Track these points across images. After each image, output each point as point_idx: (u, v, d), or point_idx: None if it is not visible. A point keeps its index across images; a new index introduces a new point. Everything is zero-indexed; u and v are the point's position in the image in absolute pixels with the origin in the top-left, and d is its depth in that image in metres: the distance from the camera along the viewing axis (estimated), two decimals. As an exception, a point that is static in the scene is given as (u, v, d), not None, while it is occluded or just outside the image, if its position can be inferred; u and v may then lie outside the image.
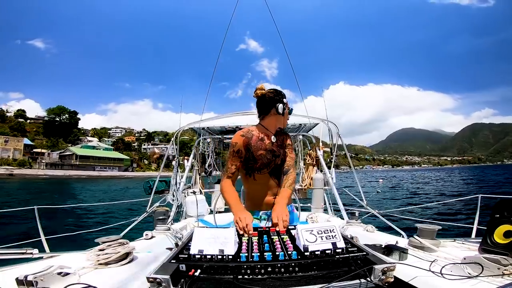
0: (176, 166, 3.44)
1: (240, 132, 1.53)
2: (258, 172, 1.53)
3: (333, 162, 3.58)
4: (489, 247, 1.01)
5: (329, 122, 3.40)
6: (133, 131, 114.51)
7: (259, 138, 1.52)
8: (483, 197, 2.38)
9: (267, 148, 1.52)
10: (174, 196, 3.06)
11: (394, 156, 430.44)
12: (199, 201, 3.01)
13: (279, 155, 1.55)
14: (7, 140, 54.49)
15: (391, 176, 45.89)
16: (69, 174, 48.31)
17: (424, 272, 0.91)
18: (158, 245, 1.73)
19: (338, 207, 2.71)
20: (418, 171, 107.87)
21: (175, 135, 3.70)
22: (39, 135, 71.14)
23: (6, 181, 32.14)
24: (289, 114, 1.63)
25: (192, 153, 4.15)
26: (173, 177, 3.30)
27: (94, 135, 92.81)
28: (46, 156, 59.36)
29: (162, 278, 0.78)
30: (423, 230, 1.24)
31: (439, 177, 39.39)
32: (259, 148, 1.51)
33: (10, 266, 1.02)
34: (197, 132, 4.26)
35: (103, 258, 1.05)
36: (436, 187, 22.02)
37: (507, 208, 1.01)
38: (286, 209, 1.30)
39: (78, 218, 9.05)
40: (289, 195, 1.43)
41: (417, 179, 34.84)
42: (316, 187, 3.60)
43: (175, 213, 2.84)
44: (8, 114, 74.14)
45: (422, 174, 53.79)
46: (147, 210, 2.79)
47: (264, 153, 1.51)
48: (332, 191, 3.11)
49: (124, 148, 79.94)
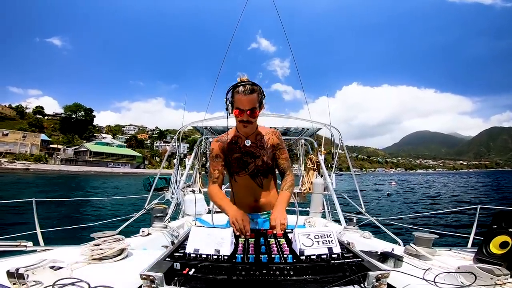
0: (176, 164, 3.45)
1: (216, 137, 1.55)
2: (237, 174, 1.52)
3: (334, 167, 3.58)
4: (484, 257, 1.00)
5: (332, 127, 3.40)
6: (146, 129, 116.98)
7: (233, 142, 1.49)
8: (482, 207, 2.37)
9: (241, 151, 1.48)
10: (173, 194, 3.06)
11: (407, 159, 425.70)
12: (197, 200, 3.01)
13: (258, 156, 1.48)
14: (25, 135, 55.92)
15: (403, 180, 43.80)
16: (83, 170, 49.00)
17: (418, 280, 0.91)
18: (154, 243, 1.73)
19: (337, 212, 2.71)
20: (432, 175, 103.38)
21: (177, 134, 3.71)
22: (56, 131, 73.25)
23: (22, 175, 33.04)
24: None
25: (193, 152, 4.15)
26: (173, 175, 3.31)
27: (108, 132, 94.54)
28: (61, 151, 60.70)
29: (155, 276, 0.77)
30: (419, 239, 1.24)
31: (454, 182, 37.28)
32: (233, 151, 1.48)
33: (2, 258, 1.02)
34: (199, 131, 4.27)
35: (97, 253, 1.04)
36: (447, 192, 20.84)
37: (505, 219, 1.01)
38: (285, 212, 1.28)
39: (77, 212, 9.07)
40: (288, 198, 1.40)
41: (433, 184, 32.88)
42: (315, 191, 3.60)
43: (173, 211, 2.84)
44: (27, 111, 77.64)
45: (438, 179, 51.29)
46: (145, 207, 2.79)
47: (240, 155, 1.48)
48: (331, 197, 3.11)
49: (137, 146, 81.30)
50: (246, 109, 1.33)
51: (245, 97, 1.29)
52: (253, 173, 1.50)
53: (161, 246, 1.69)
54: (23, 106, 78.31)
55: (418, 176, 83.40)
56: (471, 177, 61.56)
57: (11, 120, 66.56)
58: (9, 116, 68.92)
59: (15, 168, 42.47)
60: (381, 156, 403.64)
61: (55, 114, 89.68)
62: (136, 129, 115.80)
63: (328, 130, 3.48)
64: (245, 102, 1.31)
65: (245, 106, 1.32)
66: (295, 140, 4.76)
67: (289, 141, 4.93)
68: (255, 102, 1.33)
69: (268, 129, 1.56)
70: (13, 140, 53.48)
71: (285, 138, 4.53)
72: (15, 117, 70.08)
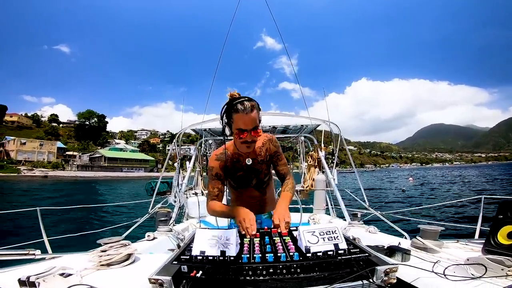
0: (178, 167, 3.45)
1: (214, 155, 1.43)
2: (241, 188, 1.50)
3: (335, 163, 3.57)
4: (492, 248, 1.00)
5: (330, 123, 3.39)
6: (157, 133, 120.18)
7: (234, 160, 1.41)
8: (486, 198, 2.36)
9: (244, 169, 1.43)
10: (176, 197, 3.07)
11: (422, 153, 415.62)
12: (201, 202, 3.01)
13: (261, 171, 1.45)
14: (42, 143, 58.13)
15: (422, 176, 40.35)
16: (98, 176, 50.24)
17: (427, 273, 0.91)
18: (160, 246, 1.73)
19: (340, 208, 2.70)
20: (450, 169, 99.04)
21: (176, 137, 3.72)
22: (71, 138, 75.63)
23: (41, 182, 34.29)
24: None
25: (194, 154, 4.16)
26: (175, 178, 3.31)
27: (121, 138, 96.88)
28: (77, 158, 62.60)
29: (163, 279, 0.78)
30: (425, 231, 1.24)
31: (475, 175, 34.34)
32: (236, 169, 1.42)
33: (12, 267, 1.03)
34: (198, 133, 4.27)
35: (105, 259, 1.05)
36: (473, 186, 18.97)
37: (511, 209, 1.01)
38: (288, 210, 1.26)
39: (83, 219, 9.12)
40: (290, 198, 1.38)
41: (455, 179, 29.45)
42: (318, 188, 3.59)
43: (177, 214, 2.85)
44: (43, 119, 79.88)
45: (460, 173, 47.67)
46: (149, 211, 2.80)
47: (243, 173, 1.43)
48: (334, 192, 3.10)
49: (150, 150, 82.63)
50: (249, 129, 1.23)
51: (246, 116, 1.19)
52: (256, 185, 1.50)
53: (167, 250, 1.69)
54: (38, 115, 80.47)
55: (436, 170, 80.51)
56: (493, 170, 57.95)
57: (28, 129, 68.78)
58: (25, 125, 71.12)
59: (34, 175, 43.92)
60: (395, 151, 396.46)
61: (69, 121, 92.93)
62: (148, 133, 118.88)
63: (328, 126, 3.47)
64: (247, 122, 1.21)
65: (247, 126, 1.22)
66: (294, 138, 4.75)
67: (289, 139, 4.93)
68: (256, 120, 1.24)
69: (263, 136, 1.47)
70: (31, 148, 55.62)
71: (284, 136, 4.53)
72: (31, 126, 72.18)
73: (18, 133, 60.99)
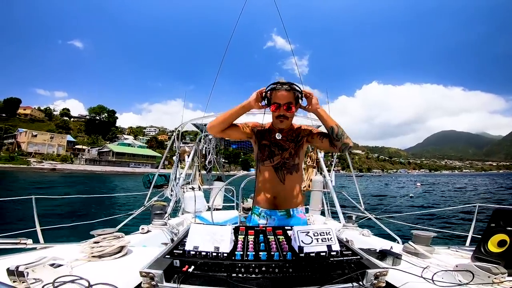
0: (176, 161, 3.44)
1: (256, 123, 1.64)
2: (262, 163, 1.52)
3: (333, 165, 3.58)
4: (481, 255, 1.01)
5: None
6: (166, 130, 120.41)
7: (267, 130, 1.57)
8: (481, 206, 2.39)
9: (272, 141, 1.52)
10: (172, 191, 3.06)
11: (432, 160, 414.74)
12: (197, 198, 3.01)
13: (287, 149, 1.50)
14: (52, 136, 59.16)
15: (432, 183, 40.01)
16: (105, 170, 50.67)
17: (416, 278, 0.92)
18: (153, 240, 1.73)
19: (336, 210, 2.71)
20: (458, 177, 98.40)
21: (176, 131, 3.70)
22: (81, 132, 76.91)
23: (48, 175, 34.47)
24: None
25: (193, 149, 4.14)
26: (172, 172, 3.30)
27: (130, 133, 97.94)
28: (86, 152, 63.20)
29: (155, 273, 0.78)
30: (418, 237, 1.25)
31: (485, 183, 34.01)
32: (263, 137, 1.55)
33: (2, 256, 1.02)
34: (198, 128, 4.26)
35: (97, 250, 1.05)
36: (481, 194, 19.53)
37: (503, 218, 1.02)
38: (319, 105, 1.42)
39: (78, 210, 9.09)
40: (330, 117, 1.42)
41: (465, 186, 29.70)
42: (315, 189, 3.60)
43: (172, 208, 2.84)
44: (55, 113, 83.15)
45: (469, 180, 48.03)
46: (144, 204, 2.79)
47: (268, 143, 1.52)
48: (330, 194, 3.11)
49: (157, 146, 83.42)
50: (283, 103, 1.38)
51: (280, 92, 1.37)
52: (278, 165, 1.50)
53: (161, 243, 1.69)
54: (51, 109, 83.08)
55: (445, 178, 79.72)
56: (505, 179, 57.67)
57: (40, 122, 70.04)
58: (38, 118, 72.36)
59: (43, 168, 44.47)
60: (404, 157, 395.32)
61: (80, 116, 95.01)
62: (157, 130, 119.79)
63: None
64: (281, 97, 1.38)
65: (281, 101, 1.38)
66: None
67: None
68: (292, 98, 1.39)
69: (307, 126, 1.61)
70: (41, 141, 56.52)
71: None
72: (43, 119, 73.46)
73: (30, 125, 61.93)
